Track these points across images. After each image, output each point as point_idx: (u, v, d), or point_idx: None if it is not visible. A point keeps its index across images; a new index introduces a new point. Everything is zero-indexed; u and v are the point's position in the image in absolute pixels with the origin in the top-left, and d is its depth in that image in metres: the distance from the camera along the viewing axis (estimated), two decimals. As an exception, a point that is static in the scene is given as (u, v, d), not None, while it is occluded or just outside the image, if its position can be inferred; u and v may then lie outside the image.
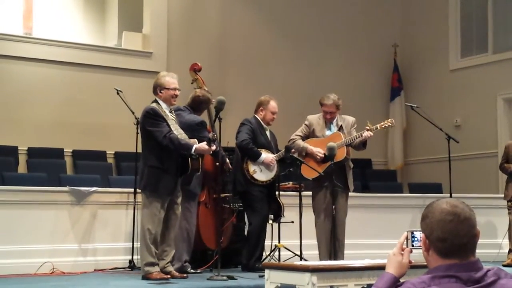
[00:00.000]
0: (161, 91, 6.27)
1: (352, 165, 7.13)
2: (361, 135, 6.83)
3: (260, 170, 7.06)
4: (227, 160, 6.89)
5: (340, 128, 7.05)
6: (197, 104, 6.92)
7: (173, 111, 6.39)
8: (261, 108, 7.24)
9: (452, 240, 2.19)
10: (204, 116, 7.08)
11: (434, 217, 2.23)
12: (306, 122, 7.18)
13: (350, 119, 7.17)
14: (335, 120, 7.08)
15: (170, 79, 6.30)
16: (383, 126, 6.99)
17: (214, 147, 6.10)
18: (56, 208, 7.33)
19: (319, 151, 6.91)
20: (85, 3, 11.88)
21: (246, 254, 7.05)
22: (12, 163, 9.39)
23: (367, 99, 12.21)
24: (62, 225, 7.31)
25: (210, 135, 6.06)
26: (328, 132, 7.06)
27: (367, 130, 6.83)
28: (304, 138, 7.11)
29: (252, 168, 7.04)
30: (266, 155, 7.04)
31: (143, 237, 6.09)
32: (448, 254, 2.20)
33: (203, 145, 6.03)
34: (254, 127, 7.14)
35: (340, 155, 6.76)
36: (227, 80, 11.36)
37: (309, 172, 6.93)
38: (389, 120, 7.09)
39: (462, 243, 2.19)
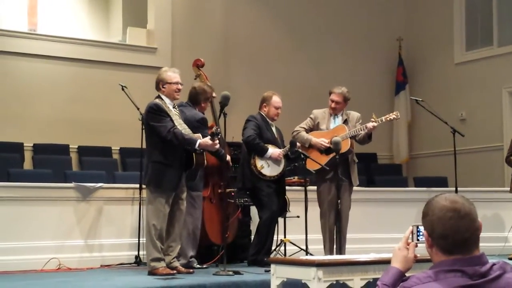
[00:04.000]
0: (164, 86, 6.27)
1: (356, 160, 7.14)
2: (365, 127, 6.83)
3: (268, 165, 7.05)
4: (228, 158, 6.84)
5: (345, 122, 7.05)
6: (194, 97, 6.90)
7: (176, 106, 6.39)
8: (264, 104, 7.23)
9: (454, 237, 2.18)
10: (207, 112, 7.06)
11: (434, 214, 2.22)
12: (312, 116, 7.19)
13: (356, 114, 7.17)
14: (340, 114, 7.09)
15: (172, 74, 6.32)
16: (388, 119, 6.97)
17: (217, 141, 6.09)
18: (61, 204, 7.35)
19: (323, 140, 6.91)
20: (90, -1, 11.90)
21: (254, 248, 7.05)
22: (18, 159, 9.41)
23: (372, 93, 12.19)
24: (68, 221, 7.33)
25: (213, 129, 6.04)
26: (332, 125, 7.06)
27: (372, 121, 6.83)
28: (308, 130, 7.12)
29: (259, 163, 7.03)
30: (273, 150, 7.04)
31: (148, 232, 6.10)
32: (451, 250, 2.19)
33: (207, 140, 6.02)
34: (260, 123, 7.13)
35: (344, 147, 6.76)
36: (232, 75, 11.36)
37: (313, 164, 6.94)
38: (394, 113, 7.06)
39: (464, 238, 2.18)
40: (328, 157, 6.87)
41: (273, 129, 7.28)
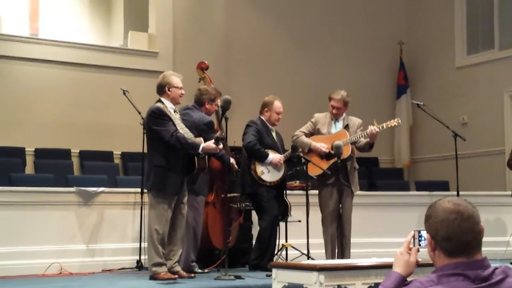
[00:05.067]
0: (170, 89, 6.26)
1: (357, 166, 7.12)
2: (366, 133, 6.81)
3: (268, 171, 7.04)
4: (233, 161, 6.84)
5: (346, 127, 7.04)
6: (198, 98, 6.91)
7: (177, 111, 6.39)
8: (265, 109, 7.22)
9: (458, 239, 2.19)
10: (212, 116, 7.05)
11: (438, 217, 2.23)
12: (313, 120, 7.19)
13: (357, 120, 7.15)
14: (341, 119, 7.08)
15: (176, 78, 6.34)
16: (389, 126, 6.94)
17: (221, 146, 6.09)
18: (63, 208, 7.34)
19: (322, 145, 6.91)
20: (91, 4, 11.90)
21: (255, 253, 7.04)
22: (19, 164, 9.40)
23: (373, 97, 12.19)
24: (69, 226, 7.33)
25: (218, 133, 6.03)
26: (333, 130, 7.06)
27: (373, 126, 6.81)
28: (309, 135, 7.11)
29: (259, 169, 7.02)
30: (273, 156, 7.02)
31: (150, 237, 6.10)
32: (455, 253, 2.20)
33: (210, 143, 6.02)
34: (260, 128, 7.11)
35: (345, 153, 6.75)
36: (233, 79, 11.36)
37: (314, 169, 6.93)
38: (395, 120, 7.03)
39: (467, 241, 2.19)
40: (329, 162, 6.86)
41: (273, 134, 7.27)
